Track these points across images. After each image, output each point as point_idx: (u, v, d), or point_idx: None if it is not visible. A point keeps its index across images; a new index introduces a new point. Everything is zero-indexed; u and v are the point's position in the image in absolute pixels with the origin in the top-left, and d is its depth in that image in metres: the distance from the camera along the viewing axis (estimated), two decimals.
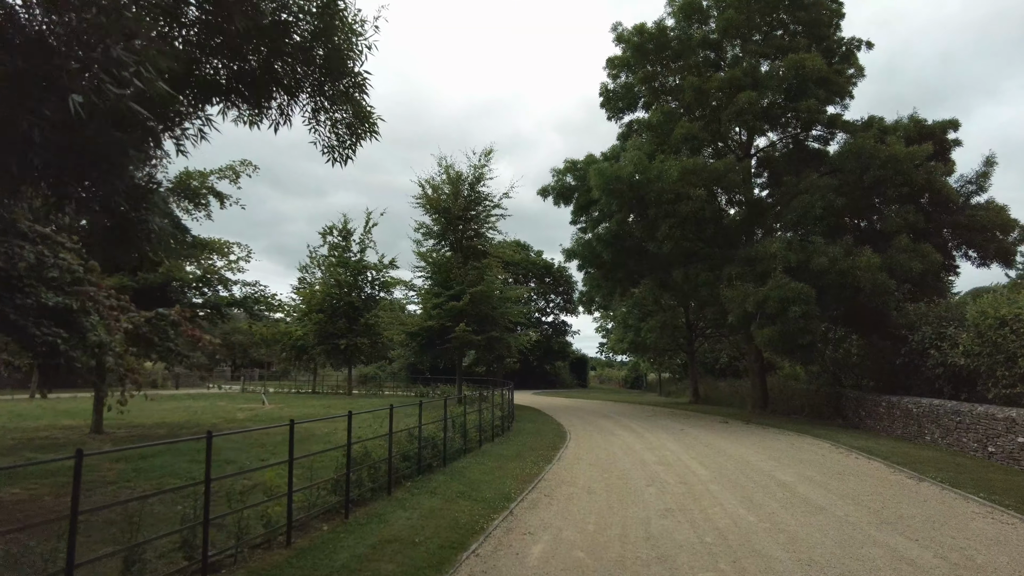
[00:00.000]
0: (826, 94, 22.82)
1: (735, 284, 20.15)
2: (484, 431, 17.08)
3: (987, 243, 20.76)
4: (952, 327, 17.16)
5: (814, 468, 13.11)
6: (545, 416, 26.61)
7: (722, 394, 37.28)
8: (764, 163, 27.23)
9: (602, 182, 21.78)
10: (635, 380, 69.21)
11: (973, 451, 14.80)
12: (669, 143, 24.00)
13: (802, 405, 26.67)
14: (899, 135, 21.39)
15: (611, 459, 14.69)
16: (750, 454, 15.27)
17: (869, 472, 12.61)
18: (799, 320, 18.45)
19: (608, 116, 28.88)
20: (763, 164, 27.26)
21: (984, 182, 21.75)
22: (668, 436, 19.28)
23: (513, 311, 33.16)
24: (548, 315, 68.24)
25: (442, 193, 32.76)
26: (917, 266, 19.03)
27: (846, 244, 20.02)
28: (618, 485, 11.53)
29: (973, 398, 17.13)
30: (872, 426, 20.93)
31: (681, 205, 20.82)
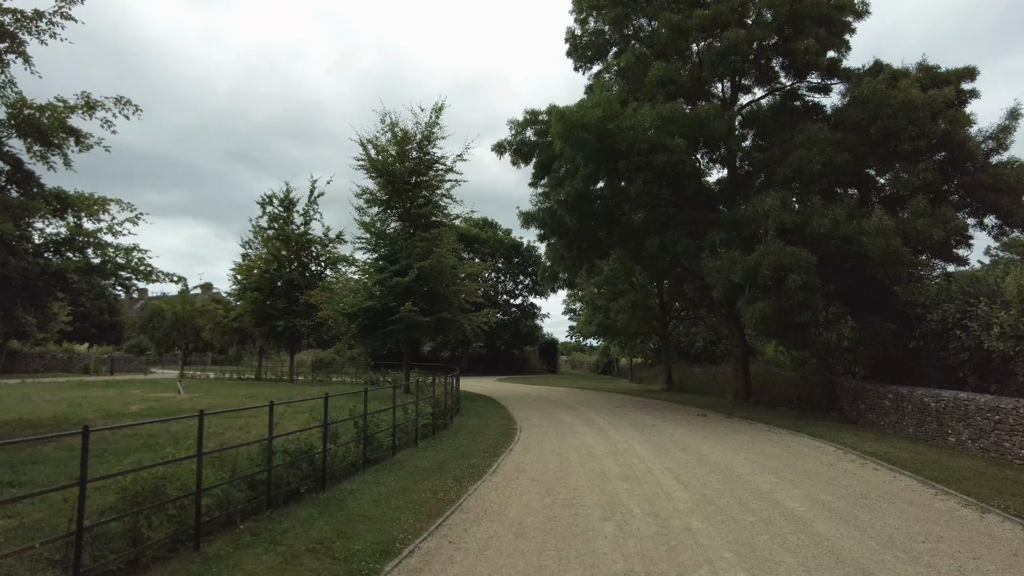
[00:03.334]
0: (826, 34, 19.44)
1: (719, 252, 16.76)
2: (405, 433, 13.55)
3: (1013, 207, 17.63)
4: (983, 303, 14.00)
5: (827, 487, 9.80)
6: (499, 408, 23.22)
7: (697, 381, 34.21)
8: (751, 121, 23.78)
9: (564, 129, 18.19)
10: (606, 365, 66.17)
11: (1021, 460, 11.66)
12: (643, 90, 20.46)
13: (789, 395, 23.58)
14: (913, 80, 18.08)
15: (562, 471, 11.27)
16: (739, 463, 11.96)
17: (903, 494, 9.33)
18: (799, 292, 15.14)
19: (575, 66, 25.26)
20: (749, 122, 23.82)
21: (1006, 138, 18.60)
22: (637, 435, 15.96)
23: (470, 289, 29.51)
24: (516, 297, 64.74)
25: (388, 155, 28.91)
26: (938, 232, 15.80)
27: (850, 205, 16.73)
28: (562, 520, 8.07)
29: (1006, 391, 14.04)
30: (875, 422, 17.83)
31: (657, 156, 17.31)
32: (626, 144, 17.75)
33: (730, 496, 9.24)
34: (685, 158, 17.46)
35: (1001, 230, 18.75)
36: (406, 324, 25.74)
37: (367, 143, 28.77)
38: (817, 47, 18.81)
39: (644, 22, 23.36)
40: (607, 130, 18.10)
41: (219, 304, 42.98)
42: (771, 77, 22.42)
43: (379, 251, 28.81)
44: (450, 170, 29.60)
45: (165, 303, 45.92)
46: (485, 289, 61.80)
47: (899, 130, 16.93)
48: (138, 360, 54.81)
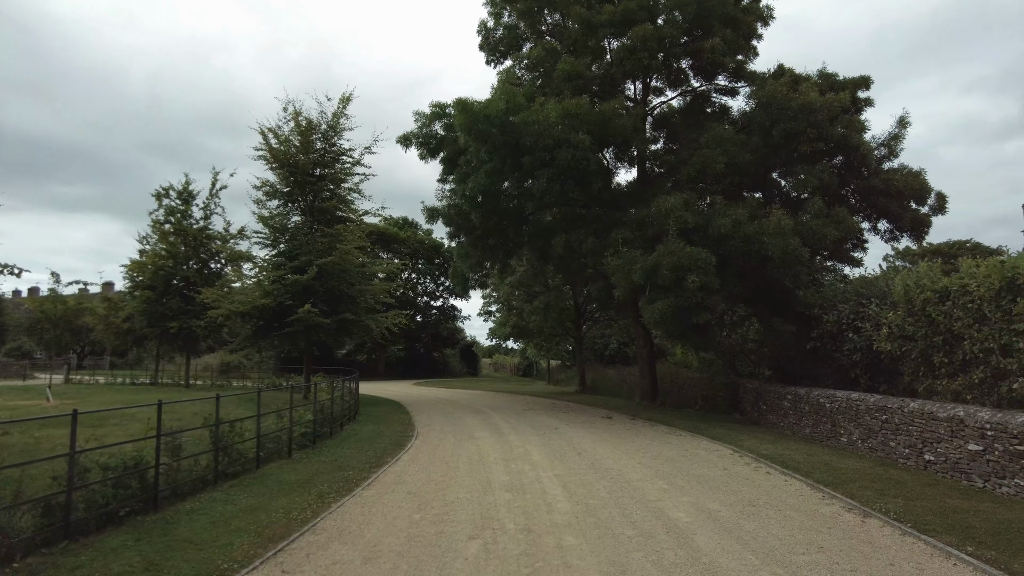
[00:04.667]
0: (732, 35, 19.48)
1: (622, 251, 16.36)
2: (277, 443, 12.34)
3: (902, 212, 18.14)
4: (874, 304, 14.13)
5: (717, 494, 9.36)
6: (402, 413, 22.13)
7: (611, 382, 34.15)
8: (661, 122, 23.76)
9: (467, 121, 17.38)
10: (527, 367, 65.86)
11: (904, 459, 11.68)
12: (552, 85, 19.95)
13: (695, 396, 23.61)
14: (813, 84, 18.33)
15: (445, 481, 10.41)
16: (633, 468, 11.44)
17: (790, 500, 8.98)
18: (697, 293, 14.88)
19: (487, 60, 24.53)
20: (660, 124, 23.79)
21: (896, 145, 19.18)
22: (537, 439, 15.30)
23: (378, 289, 28.23)
24: (437, 299, 63.42)
25: (291, 145, 27.31)
26: (832, 232, 15.95)
27: (752, 205, 16.71)
28: (425, 539, 7.20)
29: (894, 390, 14.22)
30: (775, 423, 17.91)
31: (561, 152, 16.75)
32: (531, 139, 17.12)
33: (615, 507, 8.62)
34: (590, 155, 16.98)
35: (892, 234, 19.28)
36: (305, 326, 24.29)
37: (268, 132, 27.12)
38: (723, 47, 18.80)
39: (558, 17, 22.91)
40: (511, 124, 17.43)
41: (109, 302, 39.78)
42: (682, 80, 22.40)
43: (278, 247, 27.19)
44: (358, 163, 28.33)
45: (30, 301, 42.09)
46: (404, 290, 60.42)
47: (799, 132, 17.07)
48: (18, 365, 50.18)
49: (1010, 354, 9.93)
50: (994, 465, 9.47)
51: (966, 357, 10.94)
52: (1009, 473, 9.17)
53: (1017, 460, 9.02)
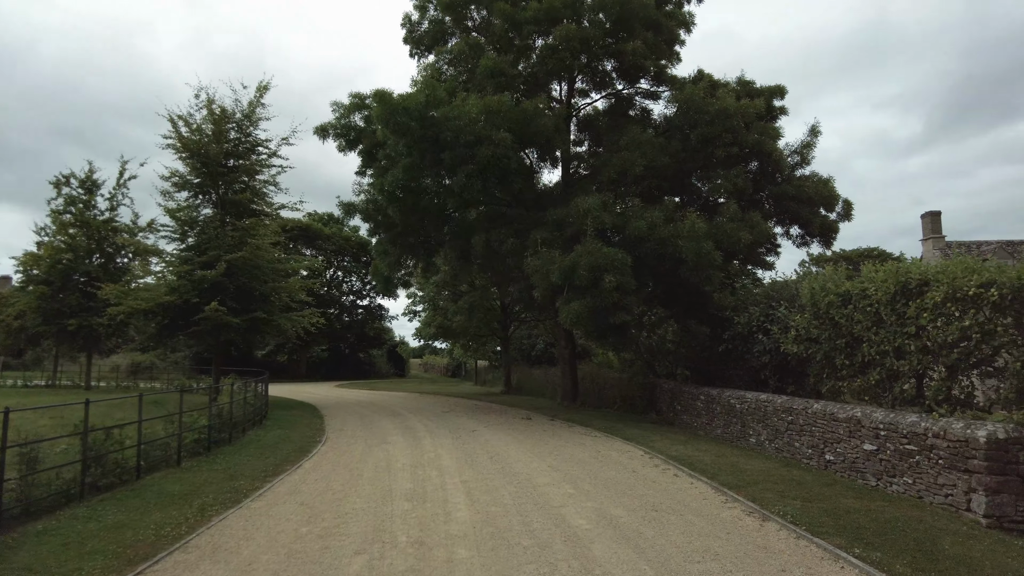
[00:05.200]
0: (654, 39, 19.62)
1: (541, 251, 16.18)
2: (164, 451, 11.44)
3: (813, 217, 18.75)
4: (783, 307, 14.46)
5: (623, 499, 9.20)
6: (316, 416, 21.27)
7: (537, 383, 34.12)
8: (586, 125, 23.82)
9: (385, 113, 16.79)
10: (456, 368, 65.24)
11: (808, 459, 11.92)
12: (475, 81, 19.59)
13: (615, 397, 23.78)
14: (730, 90, 18.70)
15: (344, 491, 9.85)
16: (542, 472, 11.20)
17: (693, 504, 8.92)
18: (613, 293, 14.84)
19: (411, 53, 23.92)
20: (585, 126, 23.84)
21: (808, 153, 19.85)
22: (451, 443, 14.89)
23: (294, 286, 27.09)
24: (364, 298, 61.83)
25: (203, 135, 25.86)
26: (746, 236, 16.28)
27: (668, 208, 16.85)
28: (306, 555, 6.67)
29: (801, 392, 14.59)
30: (689, 423, 18.14)
31: (481, 149, 16.40)
32: (451, 134, 16.70)
33: (516, 514, 8.31)
34: (511, 154, 16.71)
35: (803, 239, 19.91)
36: (213, 324, 23.02)
37: (178, 119, 25.60)
38: (644, 50, 18.91)
39: (484, 14, 22.56)
40: (432, 118, 16.96)
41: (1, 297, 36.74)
42: (606, 82, 22.47)
43: (186, 241, 25.72)
44: (274, 155, 27.12)
45: None
46: (328, 288, 58.72)
47: (715, 137, 17.36)
48: None
49: (903, 356, 10.23)
50: (886, 464, 9.71)
51: (865, 359, 11.24)
52: (899, 471, 9.42)
53: (906, 459, 9.27)
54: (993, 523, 7.76)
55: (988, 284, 8.77)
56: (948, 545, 6.78)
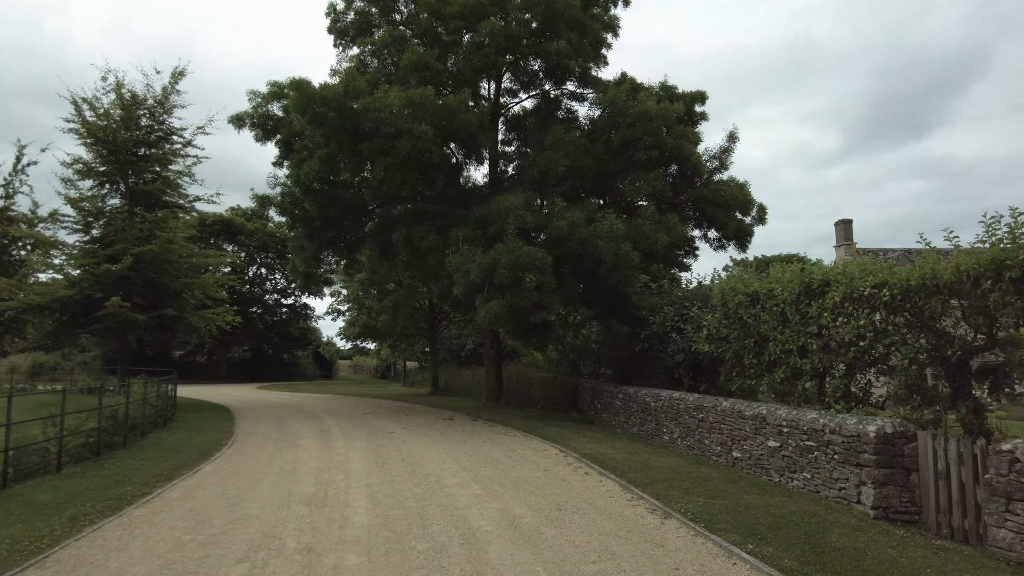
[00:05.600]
0: (579, 40, 19.71)
1: (462, 248, 15.93)
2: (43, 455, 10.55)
3: (729, 221, 19.26)
4: (696, 307, 14.74)
5: (529, 498, 9.05)
6: (228, 419, 20.27)
7: (466, 383, 33.83)
8: (515, 124, 23.74)
9: (302, 102, 16.15)
10: (385, 369, 64.06)
11: (717, 456, 12.13)
12: (398, 74, 19.16)
13: (539, 396, 23.80)
14: (652, 94, 18.97)
15: (241, 495, 9.31)
16: (453, 473, 10.94)
17: (599, 502, 8.85)
18: (533, 293, 14.75)
19: (335, 43, 23.23)
20: (514, 126, 23.75)
21: (727, 159, 20.39)
22: (365, 445, 14.44)
23: (207, 282, 25.86)
24: (288, 296, 59.83)
25: (111, 120, 24.37)
26: (663, 238, 16.52)
27: (589, 209, 16.92)
28: (183, 566, 6.18)
29: (714, 390, 14.89)
30: (608, 421, 18.29)
31: (402, 142, 16.00)
32: (371, 125, 16.22)
33: (417, 517, 8.03)
34: (433, 148, 16.37)
35: (720, 243, 20.42)
36: (117, 321, 21.67)
37: (82, 102, 24.04)
38: (569, 50, 18.96)
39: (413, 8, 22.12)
40: (351, 109, 16.43)
41: None
42: (534, 83, 22.43)
43: (90, 232, 24.17)
44: (189, 144, 25.89)
45: None
46: (251, 286, 56.63)
47: (636, 139, 17.55)
48: None
49: (806, 355, 10.52)
50: (788, 460, 9.95)
51: (771, 358, 11.52)
52: (799, 467, 9.66)
53: (806, 455, 9.51)
54: (880, 514, 8.01)
55: (881, 285, 9.09)
56: (836, 537, 6.93)
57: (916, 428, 8.37)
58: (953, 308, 8.77)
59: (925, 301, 8.58)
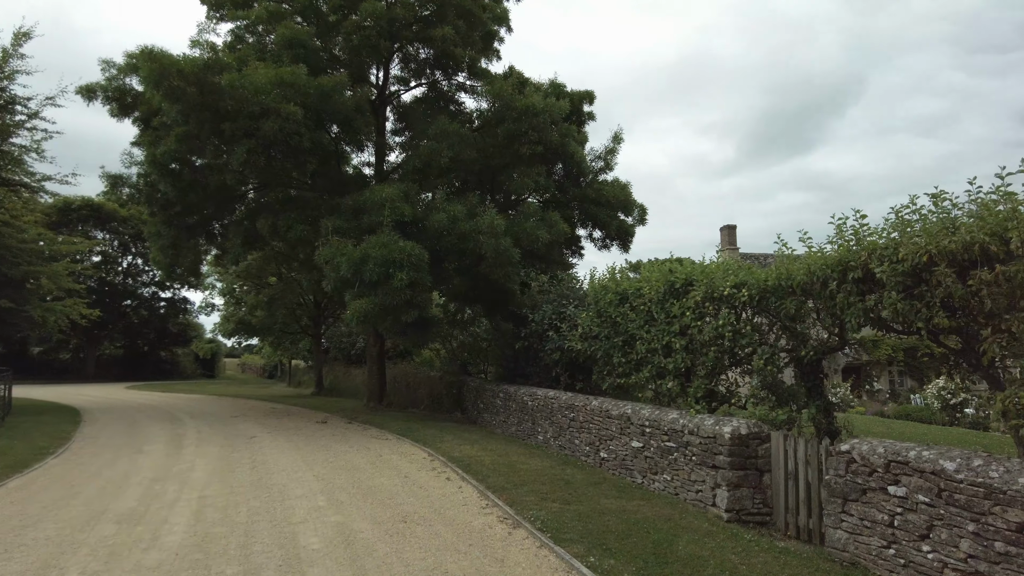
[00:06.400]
0: (467, 30, 19.10)
1: (332, 240, 14.92)
2: None
3: (611, 220, 19.31)
4: (572, 305, 14.53)
5: (377, 509, 8.34)
6: (71, 423, 18.17)
7: (354, 383, 32.42)
8: (404, 115, 22.83)
9: (156, 73, 14.56)
10: (273, 369, 60.94)
11: (586, 456, 11.89)
12: (270, 52, 17.84)
13: (424, 397, 23.03)
14: (540, 89, 18.68)
15: (45, 513, 8.03)
16: (303, 482, 10.04)
17: (450, 512, 8.28)
18: (405, 291, 13.99)
19: (208, 15, 21.36)
20: (403, 116, 22.84)
21: (611, 159, 20.47)
22: (218, 451, 13.21)
23: (55, 271, 23.22)
24: (166, 289, 55.53)
25: None
26: (544, 235, 16.21)
27: (471, 203, 16.35)
28: None
29: (590, 389, 14.73)
30: (489, 421, 17.83)
31: (267, 123, 14.78)
32: (233, 103, 14.89)
33: (241, 535, 7.13)
34: (303, 130, 15.23)
35: (604, 242, 20.47)
36: None
37: None
38: (456, 38, 18.31)
39: None
40: (213, 84, 15.01)
41: None
42: (423, 72, 21.63)
43: None
44: (36, 115, 23.11)
45: None
46: (124, 277, 52.23)
47: (521, 134, 17.15)
48: None
49: (670, 354, 10.42)
50: (650, 461, 9.79)
51: (639, 357, 11.39)
52: (660, 468, 9.51)
53: (666, 456, 9.36)
54: (733, 517, 7.91)
55: (740, 285, 9.07)
56: (683, 545, 6.69)
57: (771, 429, 8.36)
58: (810, 309, 8.87)
59: (780, 301, 8.60)
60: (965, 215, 6.50)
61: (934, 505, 5.59)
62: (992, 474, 5.21)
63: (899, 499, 5.92)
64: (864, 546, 6.21)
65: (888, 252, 6.79)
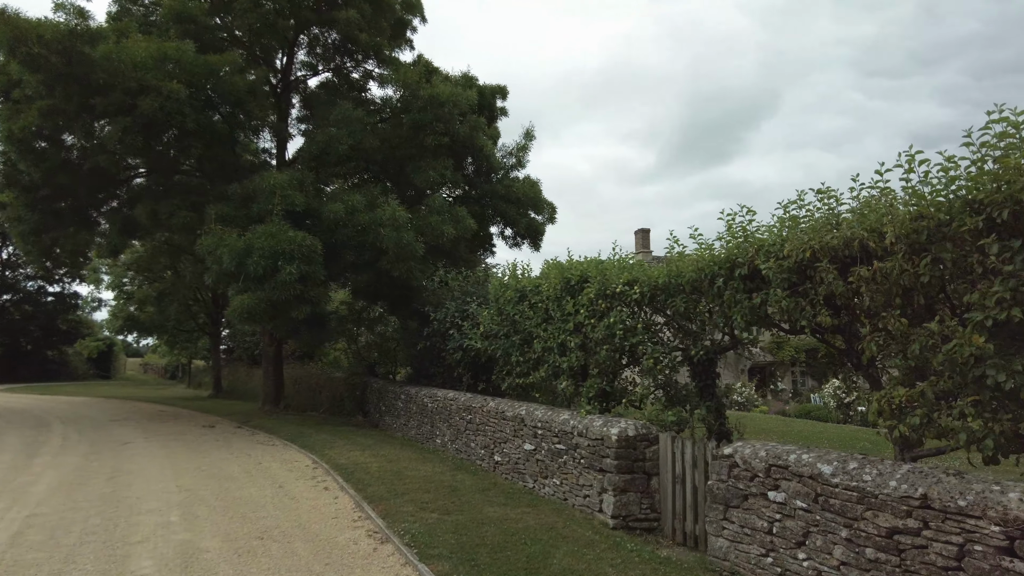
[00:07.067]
0: (373, 15, 18.23)
1: (214, 229, 13.76)
2: None
3: (520, 218, 18.90)
4: (475, 303, 13.97)
5: (233, 525, 7.48)
6: None
7: (255, 385, 30.64)
8: (310, 102, 21.66)
9: (12, 40, 12.96)
10: (176, 369, 57.36)
11: (481, 460, 11.35)
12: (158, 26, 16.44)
13: (326, 399, 21.91)
14: (448, 79, 18.03)
15: None
16: (160, 495, 9.01)
17: (316, 526, 7.53)
18: (295, 285, 13.04)
19: None
20: (308, 103, 21.65)
21: (523, 156, 20.07)
22: (78, 460, 11.91)
23: None
24: (54, 283, 51.13)
25: None
26: (449, 230, 15.57)
27: (371, 193, 15.52)
28: None
29: (491, 390, 14.20)
30: (390, 424, 17.04)
31: (146, 100, 13.46)
32: (105, 76, 13.48)
33: (61, 560, 6.15)
34: (186, 110, 13.97)
35: (515, 240, 20.05)
36: None
37: None
38: (361, 22, 17.42)
39: None
40: (82, 54, 13.54)
41: None
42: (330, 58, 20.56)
43: None
44: None
45: None
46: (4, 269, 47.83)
47: (427, 124, 16.45)
48: None
49: (564, 353, 10.03)
50: (541, 465, 9.35)
51: (536, 356, 10.95)
52: (550, 472, 9.08)
53: (557, 459, 8.94)
54: (619, 523, 7.55)
55: (632, 282, 8.76)
56: (559, 557, 6.23)
57: (659, 430, 8.07)
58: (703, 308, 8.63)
59: (671, 299, 8.33)
60: (848, 211, 6.36)
61: (811, 511, 5.35)
62: (866, 477, 5.00)
63: (778, 505, 5.67)
64: (744, 554, 5.94)
65: (775, 249, 6.58)
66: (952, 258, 5.00)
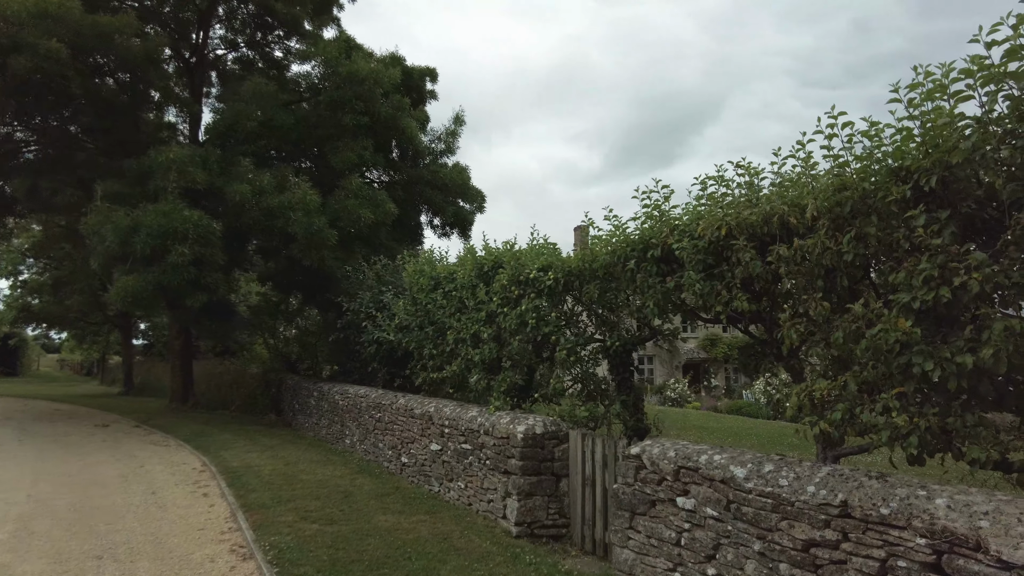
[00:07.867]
0: None
1: (101, 206, 12.39)
2: None
3: (447, 206, 18.02)
4: (391, 293, 13.04)
5: (74, 541, 6.40)
6: None
7: None
8: (224, 79, 20.24)
9: None
10: (92, 365, 53.83)
11: (388, 461, 10.47)
12: None
13: (239, 396, 20.48)
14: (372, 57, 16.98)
15: None
16: (16, 505, 7.80)
17: (175, 540, 6.51)
18: (189, 268, 11.82)
19: None
20: (225, 80, 20.21)
21: (453, 142, 19.17)
22: None
23: None
24: None
25: None
26: (367, 214, 14.55)
27: (283, 174, 14.36)
28: None
29: (407, 386, 13.31)
30: (302, 423, 15.94)
31: (19, 59, 11.96)
32: None
33: None
34: (70, 73, 12.52)
35: (444, 230, 19.16)
36: None
37: None
38: None
39: None
40: None
41: None
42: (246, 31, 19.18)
43: None
44: None
45: None
46: None
47: (345, 102, 15.38)
48: None
49: (477, 344, 9.26)
50: (447, 466, 8.56)
51: (449, 348, 10.14)
52: (455, 475, 8.30)
53: (462, 459, 8.17)
54: (524, 531, 6.84)
55: (546, 268, 8.05)
56: (444, 574, 5.44)
57: (571, 427, 7.39)
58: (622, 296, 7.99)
59: (585, 286, 7.66)
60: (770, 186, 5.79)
61: (722, 520, 4.72)
62: (782, 482, 4.40)
63: (687, 513, 5.03)
64: (650, 568, 5.29)
65: (690, 227, 5.96)
66: (877, 233, 4.44)
